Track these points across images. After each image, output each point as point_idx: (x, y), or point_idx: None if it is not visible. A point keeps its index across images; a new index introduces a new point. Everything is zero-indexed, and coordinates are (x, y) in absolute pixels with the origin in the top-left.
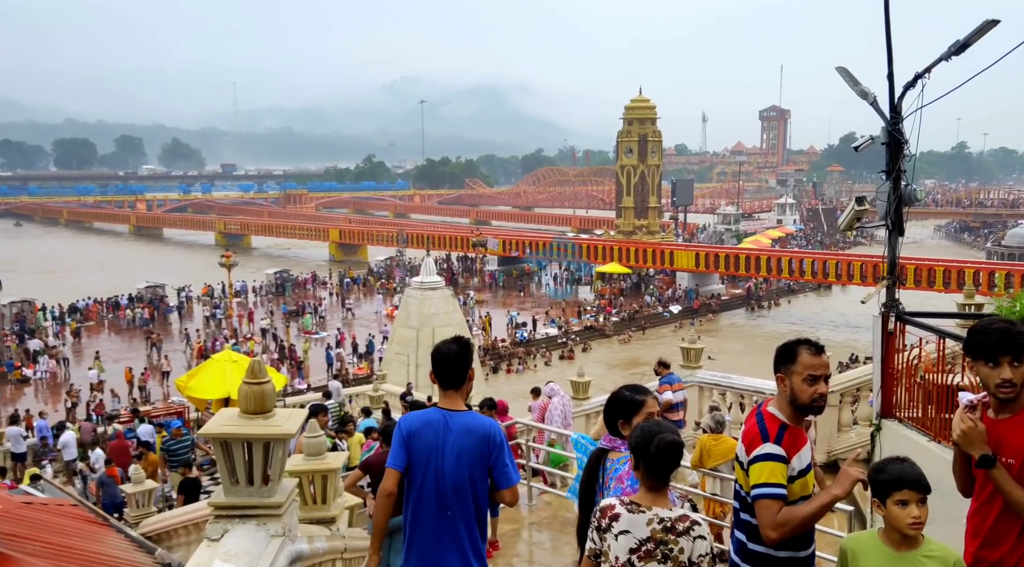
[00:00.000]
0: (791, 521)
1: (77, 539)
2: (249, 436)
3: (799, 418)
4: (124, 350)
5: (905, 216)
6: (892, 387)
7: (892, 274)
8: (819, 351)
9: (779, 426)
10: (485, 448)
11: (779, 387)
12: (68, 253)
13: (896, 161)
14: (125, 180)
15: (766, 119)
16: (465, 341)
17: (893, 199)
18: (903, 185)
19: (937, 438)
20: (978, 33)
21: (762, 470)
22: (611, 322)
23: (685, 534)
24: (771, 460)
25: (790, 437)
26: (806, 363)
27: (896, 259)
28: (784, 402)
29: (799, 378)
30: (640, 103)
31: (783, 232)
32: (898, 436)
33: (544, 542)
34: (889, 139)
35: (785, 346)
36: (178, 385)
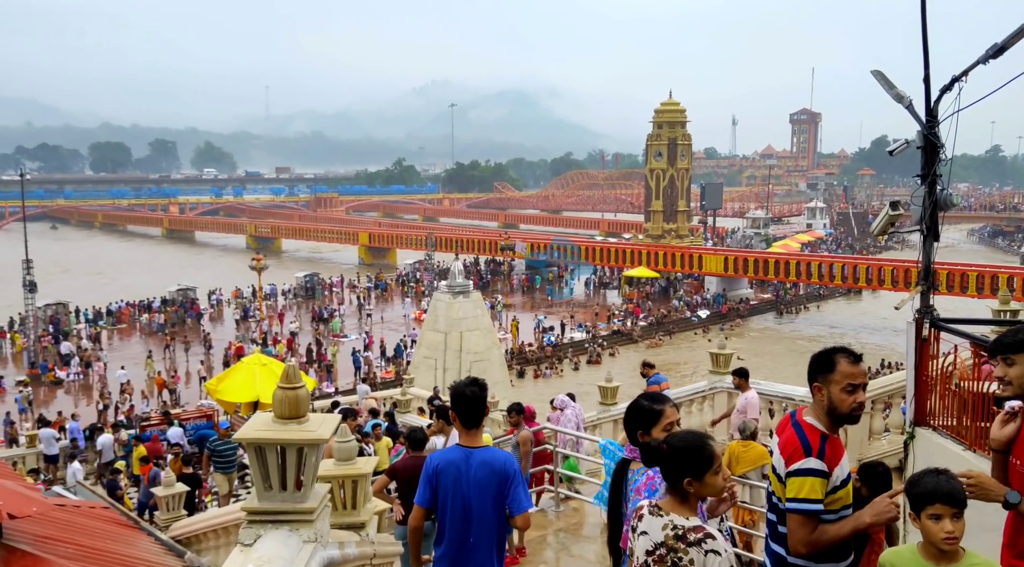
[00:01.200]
0: (823, 540)
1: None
2: (283, 441)
3: (835, 428)
4: (154, 353)
5: (940, 221)
6: (926, 395)
7: (927, 280)
8: (857, 359)
9: (820, 437)
10: (501, 479)
11: (815, 397)
12: (102, 256)
13: (932, 165)
14: (159, 183)
15: (796, 122)
16: (482, 382)
17: (928, 204)
18: (938, 189)
19: (972, 447)
20: (1017, 36)
21: (802, 484)
22: (639, 326)
23: (696, 545)
24: (812, 475)
25: (831, 448)
26: (845, 372)
27: (931, 264)
28: (821, 412)
29: (838, 388)
30: (670, 106)
31: (813, 236)
32: (932, 445)
33: (571, 548)
34: (924, 143)
35: (822, 354)
36: (208, 388)
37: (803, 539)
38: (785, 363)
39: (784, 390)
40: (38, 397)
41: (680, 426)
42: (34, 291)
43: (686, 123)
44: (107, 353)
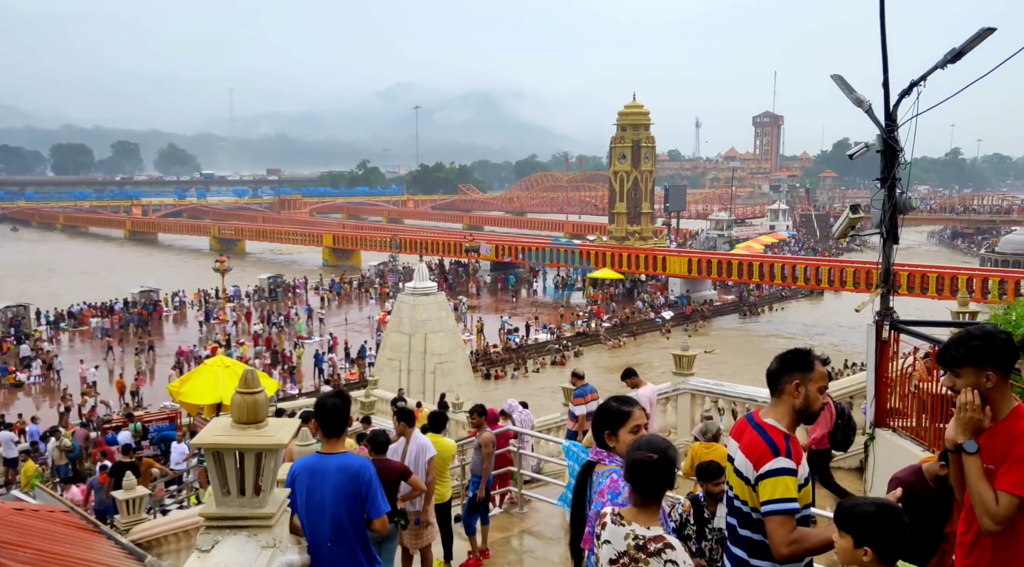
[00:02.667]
0: (806, 542)
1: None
2: (241, 446)
3: (795, 428)
4: (116, 355)
5: (900, 224)
6: (886, 396)
7: (886, 282)
8: (824, 363)
9: (784, 437)
10: (356, 484)
11: (788, 393)
12: (64, 258)
13: (891, 169)
14: (121, 185)
15: (759, 125)
16: (346, 394)
17: (888, 207)
18: (898, 193)
19: (932, 448)
20: (974, 41)
21: (776, 485)
22: (603, 328)
23: (656, 555)
24: (785, 474)
25: (794, 446)
26: (821, 373)
27: (890, 267)
28: (788, 410)
29: (815, 387)
30: (634, 109)
31: (776, 238)
32: (891, 446)
33: (534, 549)
34: (884, 147)
35: (799, 353)
36: (170, 390)
37: (784, 539)
38: (748, 364)
39: (747, 391)
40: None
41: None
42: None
43: (650, 126)
44: (68, 355)
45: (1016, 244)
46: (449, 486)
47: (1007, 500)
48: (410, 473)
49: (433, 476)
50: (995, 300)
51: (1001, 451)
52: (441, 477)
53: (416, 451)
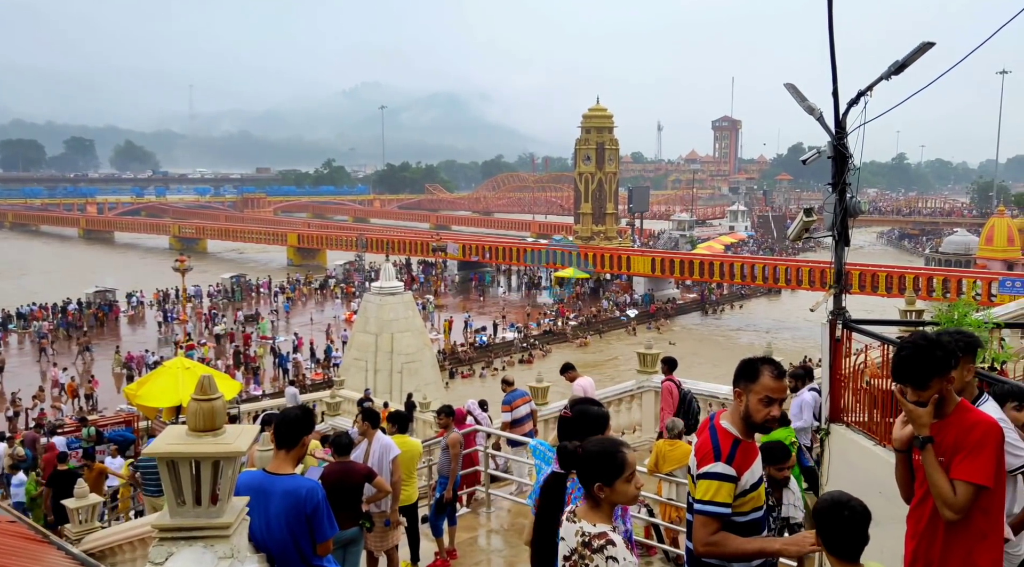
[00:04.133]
0: (723, 546)
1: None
2: (198, 455)
3: (750, 433)
4: (68, 356)
5: (850, 226)
6: (839, 392)
7: (838, 283)
8: (781, 375)
9: (732, 442)
10: (303, 509)
11: (735, 401)
12: (13, 257)
13: (841, 174)
14: (75, 182)
15: (718, 129)
16: (308, 409)
17: (839, 211)
18: (848, 197)
19: (883, 442)
20: (915, 54)
21: (708, 487)
22: (569, 326)
23: (599, 551)
24: (719, 479)
25: (742, 453)
26: (766, 385)
27: (842, 268)
28: (738, 417)
29: (756, 398)
30: (597, 112)
31: (735, 238)
32: (845, 440)
33: (502, 549)
34: (835, 153)
35: (749, 362)
36: (127, 393)
37: (703, 539)
38: (710, 360)
39: (708, 388)
40: None
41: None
42: None
43: (613, 128)
44: (16, 358)
45: (958, 245)
46: (416, 487)
47: (964, 489)
48: (375, 475)
49: (399, 476)
50: (939, 298)
51: (952, 444)
52: (408, 478)
53: (379, 451)
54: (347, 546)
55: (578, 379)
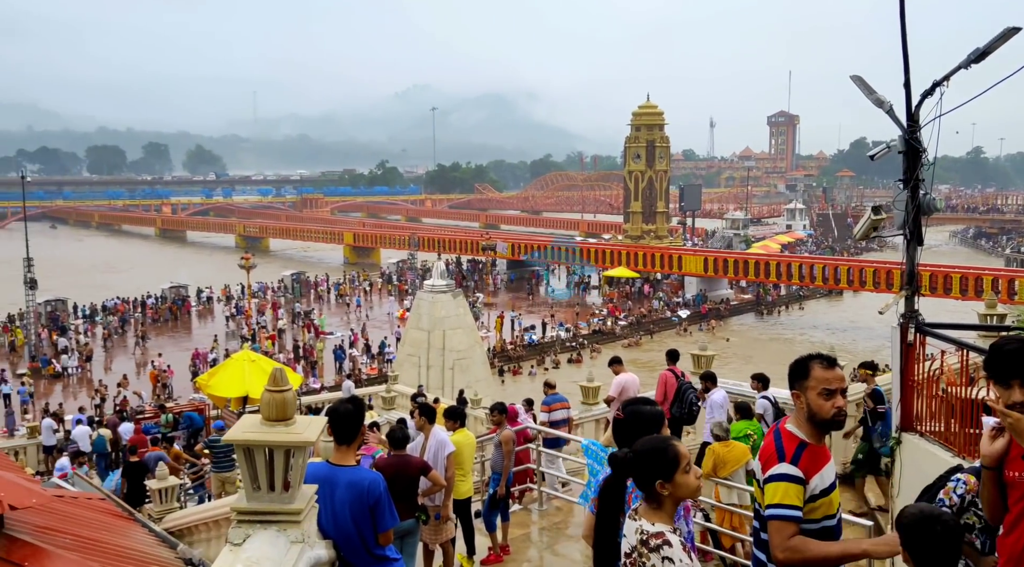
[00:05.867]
0: (804, 551)
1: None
2: (271, 443)
3: (819, 435)
4: (149, 348)
5: (924, 225)
6: (912, 399)
7: (911, 284)
8: (832, 364)
9: (797, 445)
10: (366, 501)
11: (795, 404)
12: (100, 254)
13: (914, 170)
14: (152, 185)
15: (774, 124)
16: (359, 401)
17: (911, 208)
18: (921, 194)
19: (961, 454)
20: (999, 41)
21: (776, 490)
22: (619, 326)
23: (655, 551)
24: (785, 480)
25: (809, 456)
26: (819, 377)
27: (915, 269)
28: (802, 419)
29: (814, 393)
30: (648, 109)
31: (793, 237)
32: (919, 450)
33: (555, 547)
34: (906, 148)
35: (797, 362)
36: (198, 383)
37: (779, 544)
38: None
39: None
40: (39, 390)
41: None
42: (34, 288)
43: (664, 126)
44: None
45: None
46: (470, 482)
47: None
48: (430, 468)
49: (452, 472)
50: (1022, 302)
51: None
52: (462, 473)
53: (435, 447)
54: (403, 537)
55: (621, 374)
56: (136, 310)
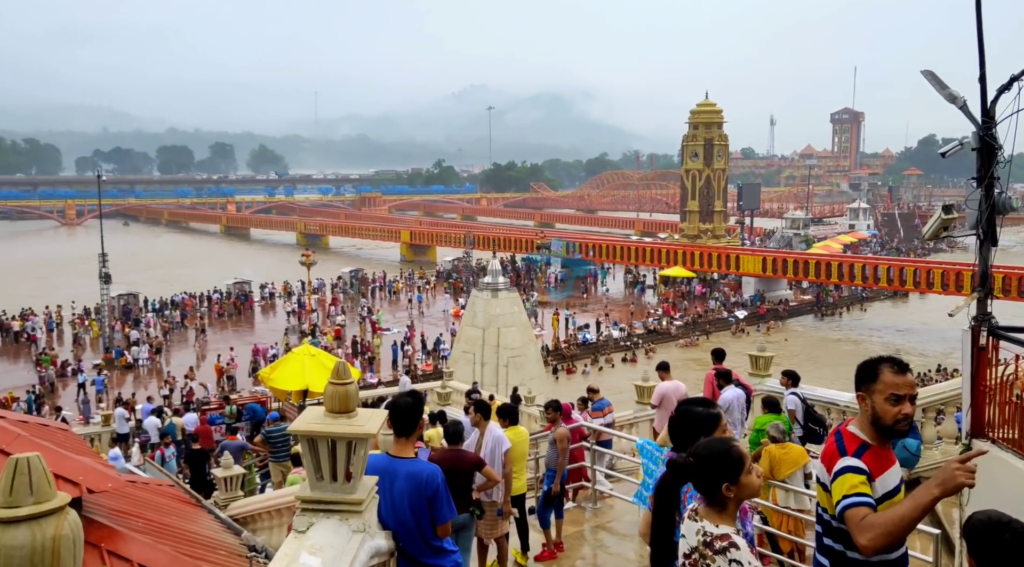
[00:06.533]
0: (881, 524)
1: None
2: (334, 434)
3: (883, 440)
4: (215, 341)
5: (998, 225)
6: (984, 405)
7: (984, 286)
8: (903, 369)
9: (859, 444)
10: (425, 492)
11: (860, 406)
12: (169, 251)
13: (989, 167)
14: (218, 184)
15: (838, 122)
16: (418, 394)
17: (985, 207)
18: (996, 192)
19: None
20: None
21: (843, 482)
22: (674, 326)
23: (721, 553)
24: (849, 472)
25: (872, 456)
26: (888, 382)
27: (988, 270)
28: (866, 422)
29: (881, 397)
30: (706, 107)
31: (856, 237)
32: (991, 458)
33: (609, 545)
34: (981, 145)
35: (866, 363)
36: (261, 376)
37: (856, 528)
38: (826, 366)
39: (827, 395)
40: (112, 380)
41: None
42: (108, 282)
43: (722, 124)
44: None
45: None
46: (524, 478)
47: None
48: (483, 464)
49: (510, 468)
50: None
51: None
52: (517, 469)
53: (492, 443)
54: (458, 531)
55: (665, 382)
56: (202, 304)
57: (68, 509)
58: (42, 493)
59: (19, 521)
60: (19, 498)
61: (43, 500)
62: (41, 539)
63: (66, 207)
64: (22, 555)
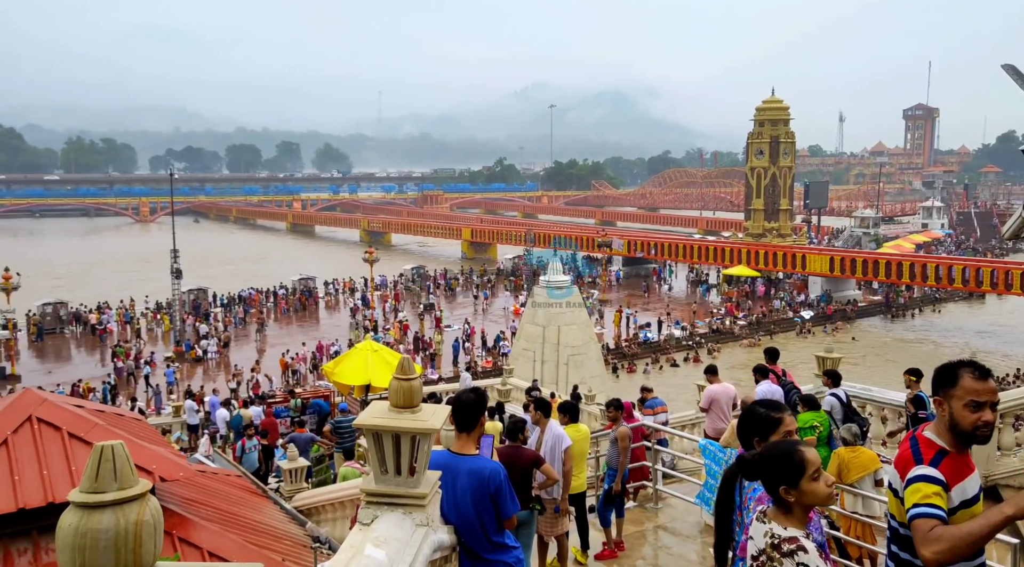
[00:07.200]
0: (948, 539)
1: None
2: (398, 429)
3: (961, 446)
4: (281, 335)
5: None
6: None
7: None
8: (984, 375)
9: (936, 451)
10: (487, 489)
11: (937, 411)
12: (236, 246)
13: None
14: (284, 181)
15: (911, 118)
16: (481, 391)
17: None
18: None
19: None
20: None
21: (916, 490)
22: (738, 325)
23: (788, 556)
24: (924, 481)
25: (950, 464)
26: (968, 388)
27: None
28: (943, 427)
29: (960, 403)
30: (772, 104)
31: (929, 237)
32: None
33: (670, 546)
34: None
35: (945, 367)
36: (325, 370)
37: (922, 539)
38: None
39: (897, 397)
40: (182, 372)
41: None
42: (180, 277)
43: (789, 121)
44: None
45: None
46: (584, 476)
47: None
48: (542, 461)
49: (570, 465)
50: None
51: None
52: (577, 467)
53: (552, 441)
54: (518, 528)
55: (713, 385)
56: (268, 300)
57: (149, 496)
58: (125, 480)
59: (104, 506)
60: (104, 484)
61: (126, 487)
62: (124, 524)
63: (140, 204)
64: (107, 538)
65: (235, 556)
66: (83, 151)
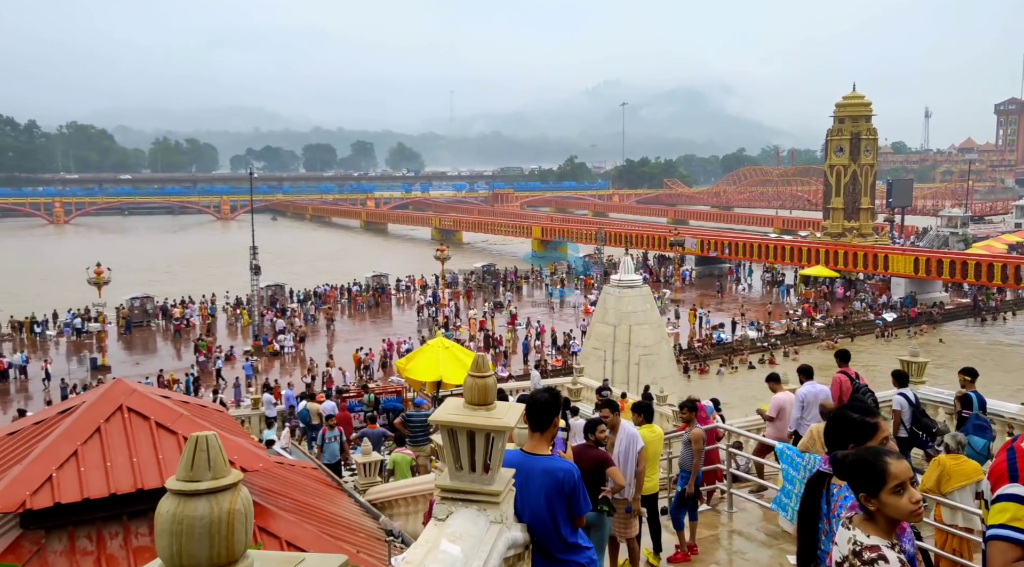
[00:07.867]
0: None
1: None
2: (473, 426)
3: None
4: (354, 331)
5: None
6: None
7: None
8: None
9: None
10: (562, 489)
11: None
12: (312, 244)
13: None
14: (358, 180)
15: (1003, 113)
16: (555, 391)
17: None
18: None
19: None
20: None
21: (1003, 509)
22: (815, 327)
23: (868, 564)
24: (1016, 501)
25: None
26: None
27: None
28: None
29: None
30: (853, 100)
31: (1023, 237)
32: None
33: (745, 551)
34: None
35: None
36: (398, 367)
37: (994, 565)
38: (997, 374)
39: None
40: (260, 366)
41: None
42: (258, 274)
43: (871, 117)
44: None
45: None
46: (657, 478)
47: None
48: (611, 463)
49: (643, 466)
50: None
51: None
52: (650, 468)
53: (626, 441)
54: (589, 529)
55: (780, 393)
56: (343, 296)
57: (240, 485)
58: (219, 469)
59: (199, 494)
60: (199, 473)
61: (219, 476)
62: (218, 512)
63: (221, 202)
64: (202, 526)
65: (312, 546)
66: (169, 151)
